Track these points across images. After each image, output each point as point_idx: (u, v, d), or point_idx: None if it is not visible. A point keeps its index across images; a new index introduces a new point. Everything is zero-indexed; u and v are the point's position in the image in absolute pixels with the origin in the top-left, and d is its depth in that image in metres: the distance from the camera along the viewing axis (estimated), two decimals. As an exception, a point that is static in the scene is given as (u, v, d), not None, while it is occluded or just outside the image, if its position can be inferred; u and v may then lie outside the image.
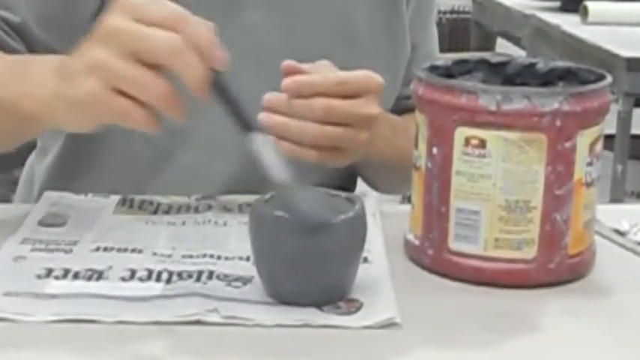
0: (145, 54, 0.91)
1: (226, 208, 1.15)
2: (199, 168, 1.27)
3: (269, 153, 0.92)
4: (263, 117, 1.07)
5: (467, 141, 0.96)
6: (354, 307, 0.91)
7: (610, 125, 1.12)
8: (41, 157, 1.36)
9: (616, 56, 2.43)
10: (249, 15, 1.25)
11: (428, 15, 1.45)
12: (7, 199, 1.50)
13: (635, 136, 2.64)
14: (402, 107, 1.38)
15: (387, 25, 1.34)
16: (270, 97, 1.09)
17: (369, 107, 1.11)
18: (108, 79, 0.93)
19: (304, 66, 1.09)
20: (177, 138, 1.24)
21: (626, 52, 2.43)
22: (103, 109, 0.95)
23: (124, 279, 0.96)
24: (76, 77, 0.95)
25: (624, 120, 2.45)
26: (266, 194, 0.94)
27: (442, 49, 1.48)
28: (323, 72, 1.10)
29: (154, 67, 0.92)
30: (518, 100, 0.94)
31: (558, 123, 0.94)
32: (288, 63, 1.09)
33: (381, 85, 1.12)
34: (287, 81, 1.08)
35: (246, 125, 0.93)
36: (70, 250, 1.03)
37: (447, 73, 1.06)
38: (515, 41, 3.35)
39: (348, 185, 1.39)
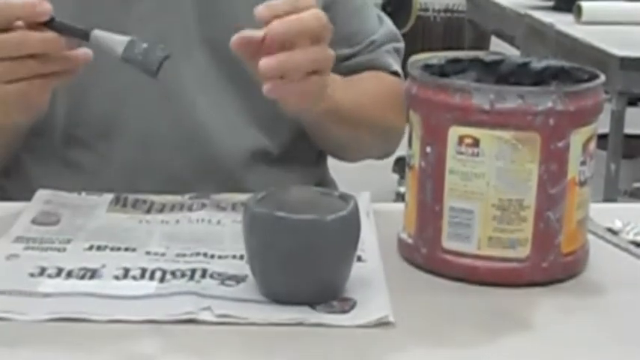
0: (8, 54, 1.05)
1: (220, 207, 1.15)
2: (138, 165, 1.29)
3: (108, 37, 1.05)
4: (263, 64, 1.04)
5: (460, 140, 0.96)
6: (348, 305, 0.91)
7: (603, 124, 1.12)
8: None
9: (610, 55, 2.44)
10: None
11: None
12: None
13: (628, 135, 2.64)
14: (345, 69, 1.36)
15: None
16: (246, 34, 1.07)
17: (323, 19, 1.08)
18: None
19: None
20: (110, 139, 1.28)
21: (619, 52, 2.43)
22: (12, 100, 1.08)
23: (117, 278, 0.96)
24: None
25: (617, 119, 2.46)
26: (259, 193, 0.95)
27: (436, 48, 1.50)
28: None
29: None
30: (512, 99, 0.94)
31: (552, 122, 0.95)
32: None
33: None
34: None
35: (84, 34, 1.05)
36: (64, 249, 1.03)
37: (441, 72, 1.06)
38: (510, 40, 3.35)
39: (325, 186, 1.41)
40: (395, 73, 1.41)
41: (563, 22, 2.82)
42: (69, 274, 0.96)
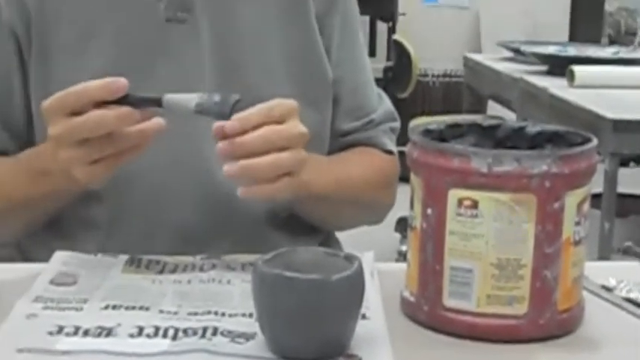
0: (88, 135, 1.08)
1: (230, 267, 1.15)
2: (151, 220, 1.29)
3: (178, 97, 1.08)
4: (227, 169, 1.08)
5: (460, 202, 0.96)
6: (353, 362, 0.91)
7: (597, 184, 1.12)
8: None
9: (602, 118, 2.44)
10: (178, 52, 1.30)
11: (352, 49, 1.43)
12: (12, 260, 1.49)
13: (621, 195, 2.64)
14: (343, 144, 1.40)
15: (300, 55, 1.36)
16: (220, 146, 1.09)
17: (298, 126, 1.11)
18: (83, 162, 1.09)
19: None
20: (123, 194, 1.29)
21: (611, 114, 2.43)
22: (98, 177, 1.12)
23: (132, 335, 0.96)
24: (65, 172, 1.11)
25: (611, 179, 2.45)
26: (267, 254, 0.95)
27: (435, 111, 1.51)
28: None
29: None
30: (509, 163, 0.95)
31: (547, 184, 0.95)
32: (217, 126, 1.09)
33: (295, 108, 1.12)
34: (226, 128, 1.08)
35: (157, 101, 1.08)
36: (81, 308, 1.03)
37: (440, 136, 1.07)
38: (506, 103, 3.36)
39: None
40: (389, 152, 1.43)
41: (556, 86, 2.82)
42: (86, 333, 0.97)
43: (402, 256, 3.50)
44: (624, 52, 3.33)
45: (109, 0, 1.29)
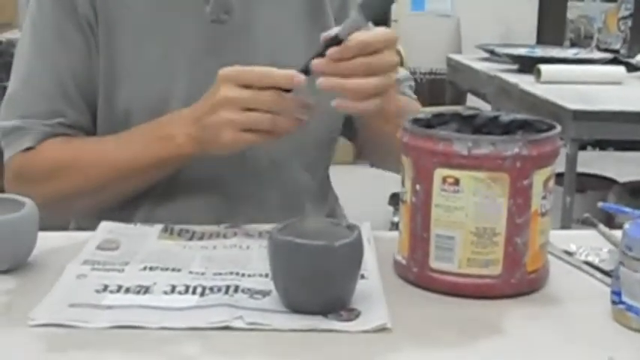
0: (260, 107, 1.08)
1: (249, 235, 1.15)
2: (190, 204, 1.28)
3: None
4: (322, 81, 1.06)
5: (444, 179, 0.96)
6: (353, 315, 0.91)
7: (560, 165, 1.12)
8: None
9: (564, 109, 2.43)
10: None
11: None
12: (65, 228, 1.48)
13: (580, 174, 2.64)
14: None
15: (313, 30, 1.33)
16: (318, 63, 1.07)
17: (392, 56, 1.10)
18: (238, 126, 1.09)
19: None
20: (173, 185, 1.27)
21: (572, 105, 2.42)
22: (240, 144, 1.12)
23: (166, 292, 0.96)
24: (214, 130, 1.11)
25: (571, 161, 2.45)
26: (281, 224, 0.95)
27: (422, 104, 1.49)
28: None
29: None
30: (486, 146, 0.95)
31: (518, 164, 0.95)
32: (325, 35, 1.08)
33: (394, 39, 1.10)
34: (331, 51, 1.06)
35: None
36: (123, 270, 1.03)
37: (427, 124, 1.06)
38: (483, 97, 3.35)
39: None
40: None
41: (525, 82, 2.81)
42: (127, 290, 0.97)
43: (394, 226, 3.50)
44: (583, 53, 3.32)
45: (161, 3, 1.27)
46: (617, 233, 1.15)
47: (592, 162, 4.19)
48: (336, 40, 1.06)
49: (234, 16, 1.29)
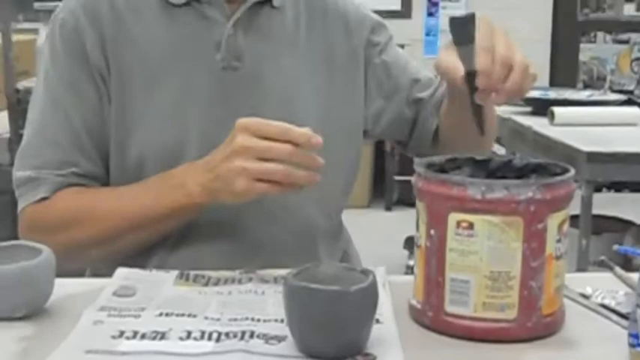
0: (275, 157, 1.09)
1: (264, 280, 1.15)
2: (202, 250, 1.29)
3: None
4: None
5: (458, 224, 0.96)
6: (369, 359, 0.91)
7: (575, 207, 1.12)
8: None
9: (578, 151, 2.43)
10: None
11: (400, 58, 1.45)
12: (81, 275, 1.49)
13: (596, 216, 2.63)
14: (436, 104, 1.42)
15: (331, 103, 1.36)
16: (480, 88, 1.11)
17: (524, 58, 1.12)
18: (252, 175, 1.10)
19: None
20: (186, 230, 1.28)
21: (586, 148, 2.42)
22: (253, 193, 1.12)
23: (182, 338, 0.96)
24: (228, 178, 1.12)
25: (586, 203, 2.44)
26: (296, 269, 0.95)
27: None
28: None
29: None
30: (499, 190, 0.95)
31: (532, 208, 0.95)
32: None
33: (526, 64, 1.12)
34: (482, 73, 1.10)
35: None
36: (139, 316, 1.03)
37: (441, 169, 1.07)
38: (497, 140, 3.35)
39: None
40: None
41: (539, 124, 2.81)
42: (143, 336, 0.97)
43: (409, 270, 3.49)
44: (596, 95, 3.32)
45: (173, 51, 1.29)
46: (634, 276, 1.15)
47: (608, 204, 4.17)
48: (472, 75, 1.11)
49: (245, 63, 1.30)
